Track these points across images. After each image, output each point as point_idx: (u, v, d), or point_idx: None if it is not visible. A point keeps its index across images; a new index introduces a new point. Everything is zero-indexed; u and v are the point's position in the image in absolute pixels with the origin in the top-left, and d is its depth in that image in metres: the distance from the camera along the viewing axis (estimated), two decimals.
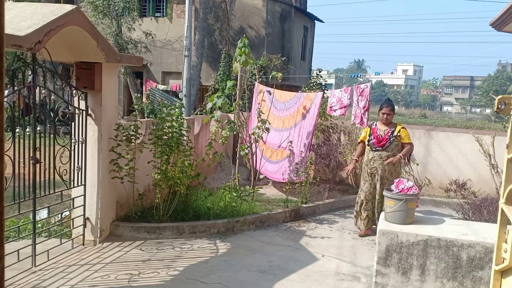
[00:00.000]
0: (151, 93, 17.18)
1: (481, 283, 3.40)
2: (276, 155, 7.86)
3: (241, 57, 6.84)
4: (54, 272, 4.33)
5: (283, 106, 8.05)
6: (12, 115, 4.16)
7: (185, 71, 12.45)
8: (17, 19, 3.83)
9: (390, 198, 3.97)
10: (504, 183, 2.17)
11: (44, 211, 5.41)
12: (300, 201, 7.06)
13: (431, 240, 3.52)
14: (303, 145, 7.37)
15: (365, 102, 7.46)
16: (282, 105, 8.08)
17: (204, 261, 4.81)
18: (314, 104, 7.45)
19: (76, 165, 4.98)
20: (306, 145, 7.36)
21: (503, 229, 2.19)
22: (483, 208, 5.66)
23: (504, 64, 74.11)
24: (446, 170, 8.26)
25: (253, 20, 18.86)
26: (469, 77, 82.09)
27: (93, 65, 4.94)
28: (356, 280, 4.51)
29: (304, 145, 7.37)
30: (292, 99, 7.92)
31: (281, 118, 8.00)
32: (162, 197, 5.65)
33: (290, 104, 7.90)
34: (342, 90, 8.03)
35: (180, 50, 16.85)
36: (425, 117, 40.09)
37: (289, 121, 7.80)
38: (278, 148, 7.75)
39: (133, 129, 5.51)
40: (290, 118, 7.80)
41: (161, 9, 19.15)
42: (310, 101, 7.55)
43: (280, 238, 5.74)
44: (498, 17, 3.71)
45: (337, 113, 8.07)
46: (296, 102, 7.81)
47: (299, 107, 7.70)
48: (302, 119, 7.54)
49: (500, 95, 2.26)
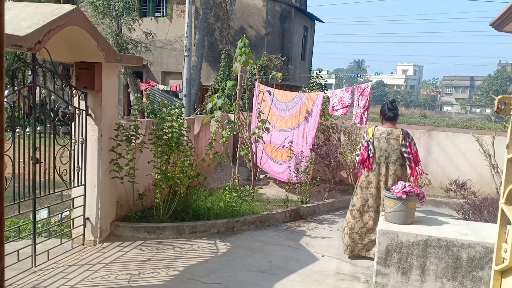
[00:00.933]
0: (151, 93, 17.17)
1: (481, 283, 3.40)
2: (281, 156, 7.89)
3: (242, 57, 6.85)
4: (54, 272, 4.33)
5: (285, 106, 8.07)
6: (12, 115, 4.17)
7: (185, 71, 12.45)
8: (17, 19, 3.83)
9: (390, 198, 3.97)
10: (504, 183, 2.17)
11: (44, 211, 5.41)
12: (300, 201, 7.06)
13: (431, 240, 3.52)
14: (306, 146, 7.41)
15: (365, 102, 7.50)
16: (283, 105, 8.10)
17: (204, 261, 4.81)
18: (316, 105, 7.49)
19: (76, 165, 4.98)
20: (308, 147, 7.40)
21: (503, 229, 2.19)
22: (483, 208, 5.66)
23: (504, 64, 74.10)
24: (446, 170, 8.26)
25: (253, 20, 18.86)
26: (469, 77, 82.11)
27: (93, 65, 4.94)
28: (356, 280, 4.51)
29: (307, 147, 7.41)
30: (294, 99, 7.93)
31: (284, 118, 8.03)
32: (162, 197, 5.65)
33: (291, 104, 7.93)
34: (344, 90, 8.04)
35: (180, 50, 16.86)
36: (425, 117, 40.11)
37: (292, 122, 7.82)
38: (282, 148, 7.78)
39: (133, 129, 5.51)
40: (292, 119, 7.83)
41: (161, 9, 19.15)
42: (312, 101, 7.58)
43: (280, 238, 5.74)
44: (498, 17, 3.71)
45: (339, 113, 8.11)
46: (298, 102, 7.83)
47: (301, 108, 7.73)
48: (305, 120, 7.59)
49: (500, 95, 2.25)
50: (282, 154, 7.85)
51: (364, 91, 7.57)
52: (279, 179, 8.05)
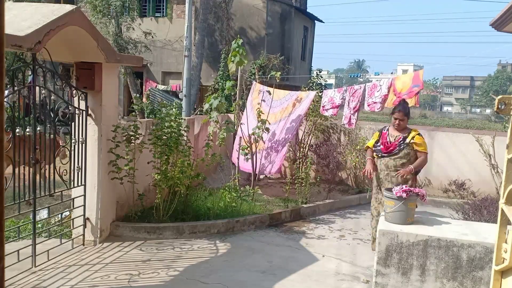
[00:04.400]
0: (151, 93, 17.17)
1: (481, 283, 3.40)
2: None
3: (236, 58, 6.85)
4: (54, 272, 4.33)
5: (278, 103, 8.04)
6: (12, 115, 4.17)
7: (185, 71, 12.44)
8: (17, 19, 3.82)
9: (390, 198, 3.97)
10: (504, 183, 2.17)
11: (44, 211, 5.41)
12: (300, 201, 7.06)
13: (431, 240, 3.52)
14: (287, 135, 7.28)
15: (356, 103, 7.28)
16: (276, 103, 8.07)
17: (204, 261, 4.81)
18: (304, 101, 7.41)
19: (76, 165, 4.98)
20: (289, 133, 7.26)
21: (503, 229, 2.19)
22: (483, 208, 5.66)
23: (504, 64, 74.06)
24: (446, 170, 8.26)
25: (253, 20, 18.84)
26: (469, 77, 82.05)
27: (93, 65, 4.94)
28: (356, 280, 4.51)
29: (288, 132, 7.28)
30: (285, 96, 7.91)
31: (275, 114, 7.98)
32: (162, 197, 5.65)
33: (283, 100, 7.90)
34: (335, 90, 7.87)
35: (180, 50, 16.83)
36: (425, 117, 40.12)
37: (281, 115, 7.73)
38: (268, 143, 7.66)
39: (132, 129, 5.51)
40: (282, 112, 7.75)
41: (161, 9, 19.14)
42: (302, 98, 7.54)
43: (280, 238, 5.74)
44: (498, 17, 3.71)
45: (329, 113, 7.88)
46: (288, 99, 7.80)
47: (288, 104, 7.68)
48: (292, 114, 7.48)
49: (500, 95, 2.25)
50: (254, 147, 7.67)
51: (356, 92, 7.35)
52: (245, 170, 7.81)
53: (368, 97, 7.11)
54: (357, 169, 8.83)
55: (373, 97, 7.05)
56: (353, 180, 8.96)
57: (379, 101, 6.89)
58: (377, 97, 6.93)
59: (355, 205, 7.80)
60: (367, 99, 7.12)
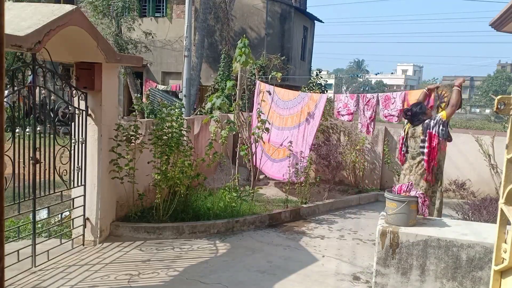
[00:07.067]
0: (151, 93, 17.17)
1: (481, 283, 3.40)
2: (278, 154, 7.87)
3: (241, 57, 6.85)
4: (54, 272, 4.33)
5: (285, 105, 8.05)
6: (12, 115, 4.17)
7: (185, 71, 12.45)
8: (17, 19, 3.83)
9: (392, 200, 3.97)
10: (504, 183, 2.18)
11: (44, 211, 5.41)
12: (300, 201, 7.06)
13: (431, 240, 3.53)
14: (306, 147, 7.39)
15: (371, 113, 7.44)
16: (284, 104, 8.07)
17: (204, 261, 4.81)
18: (318, 107, 7.46)
19: (76, 165, 4.98)
20: (308, 147, 7.38)
21: (502, 229, 2.19)
22: (482, 208, 5.66)
23: (504, 64, 74.11)
24: (446, 170, 8.22)
25: (253, 21, 18.84)
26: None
27: (93, 65, 4.94)
28: (356, 280, 4.51)
29: (306, 147, 7.39)
30: (296, 98, 7.91)
31: (284, 117, 8.00)
32: (162, 197, 5.65)
33: (293, 103, 7.90)
34: (348, 96, 7.93)
35: (180, 50, 16.83)
36: None
37: (292, 121, 7.79)
38: (280, 146, 7.75)
39: (133, 129, 5.51)
40: (293, 118, 7.80)
41: (161, 9, 19.14)
42: (314, 102, 7.54)
43: (280, 238, 5.74)
44: (498, 17, 3.71)
45: (345, 118, 8.01)
46: (300, 101, 7.80)
47: (303, 108, 7.69)
48: (306, 121, 7.55)
49: (500, 95, 2.26)
50: (279, 152, 7.83)
51: (369, 102, 7.47)
52: (274, 178, 8.01)
53: (384, 109, 7.23)
54: (357, 169, 8.84)
55: (389, 109, 7.21)
56: (353, 180, 8.96)
57: (395, 114, 7.08)
58: (393, 110, 7.14)
59: (355, 205, 7.81)
60: (383, 110, 7.26)
